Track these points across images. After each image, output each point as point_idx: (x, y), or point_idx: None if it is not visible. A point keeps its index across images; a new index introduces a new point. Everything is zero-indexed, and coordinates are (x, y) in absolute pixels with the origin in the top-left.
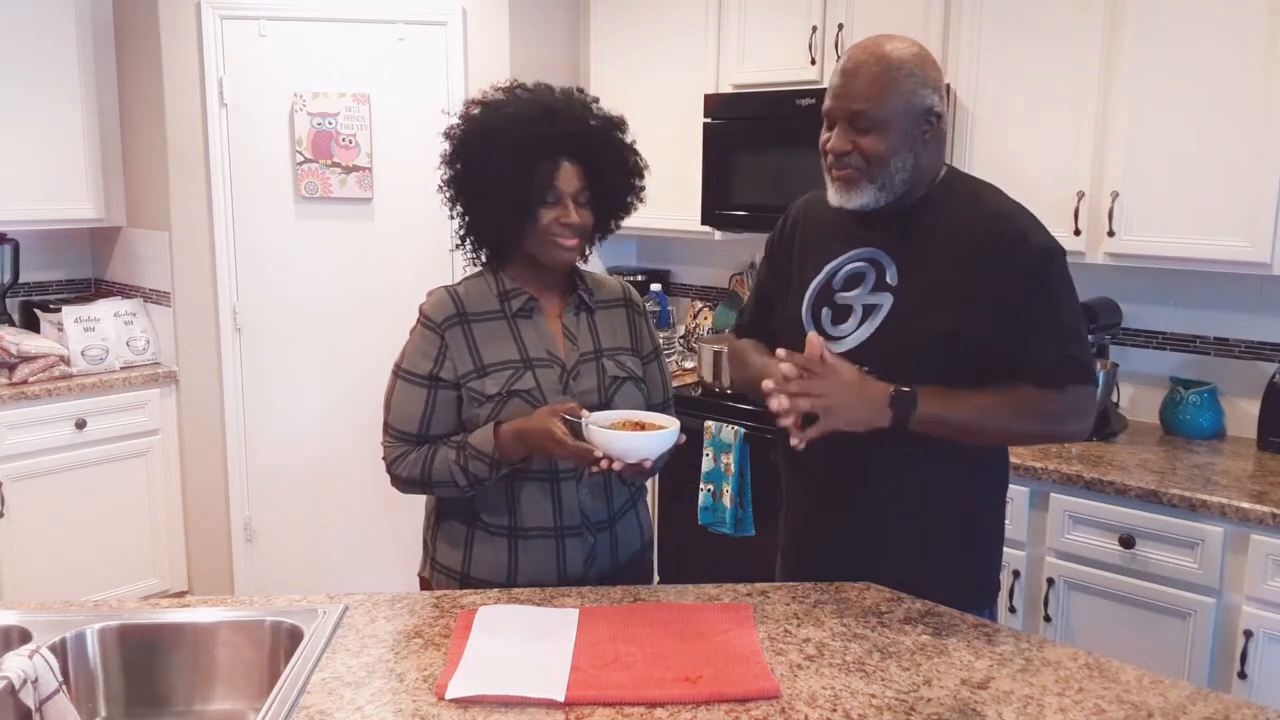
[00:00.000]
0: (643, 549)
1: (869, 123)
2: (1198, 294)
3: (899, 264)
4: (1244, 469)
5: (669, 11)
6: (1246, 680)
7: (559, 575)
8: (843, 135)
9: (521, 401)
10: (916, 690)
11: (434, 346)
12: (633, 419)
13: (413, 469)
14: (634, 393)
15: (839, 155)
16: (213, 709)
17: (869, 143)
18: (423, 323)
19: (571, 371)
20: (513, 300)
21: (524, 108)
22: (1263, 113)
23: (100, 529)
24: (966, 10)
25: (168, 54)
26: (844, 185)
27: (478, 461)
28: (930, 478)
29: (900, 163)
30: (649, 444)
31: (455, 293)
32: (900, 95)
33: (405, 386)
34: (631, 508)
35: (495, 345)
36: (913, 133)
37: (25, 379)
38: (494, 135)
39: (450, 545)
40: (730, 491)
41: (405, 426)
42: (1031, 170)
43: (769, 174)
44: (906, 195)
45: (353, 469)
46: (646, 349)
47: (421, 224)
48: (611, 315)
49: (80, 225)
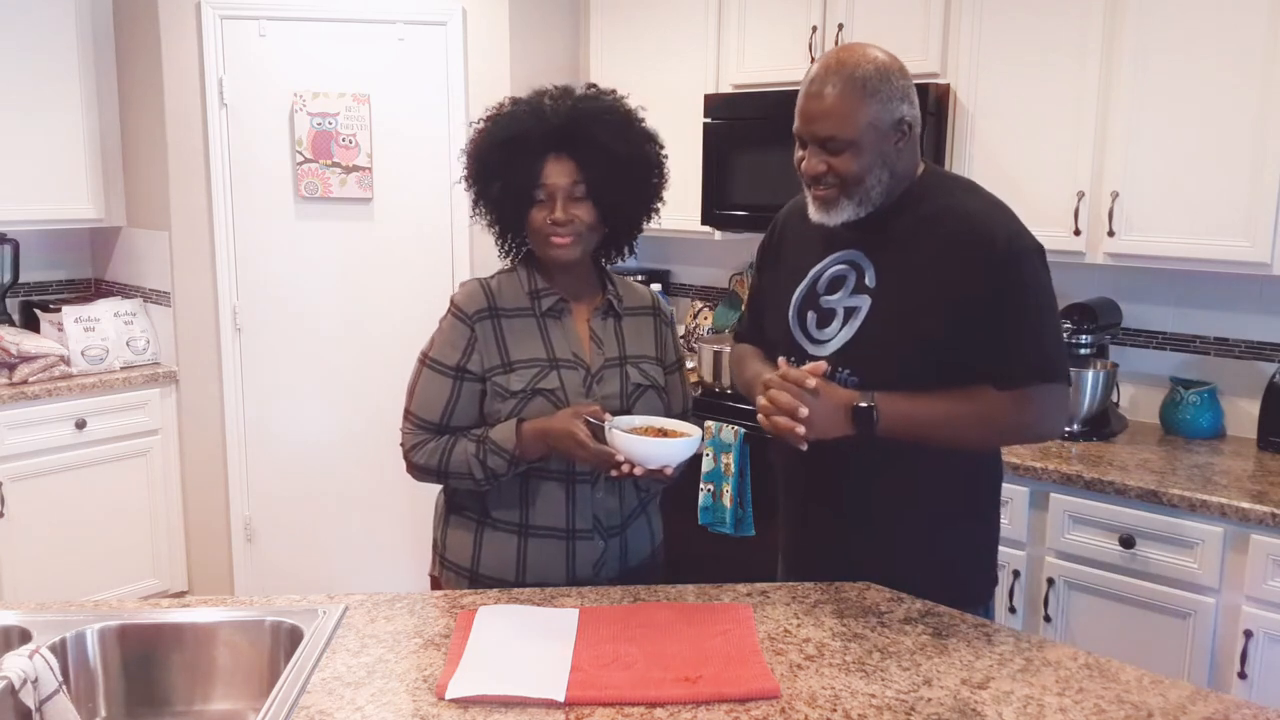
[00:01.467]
0: (652, 554)
1: (840, 145)
2: (1198, 294)
3: (876, 266)
4: (1244, 469)
5: (669, 11)
6: (1246, 680)
7: (568, 577)
8: (815, 157)
9: (544, 400)
10: (916, 690)
11: (463, 338)
12: (654, 425)
13: (430, 458)
14: (655, 401)
15: (814, 178)
16: (213, 709)
17: (842, 163)
18: (454, 313)
19: (595, 375)
20: (543, 299)
21: (519, 110)
22: (1262, 113)
23: (100, 529)
24: (966, 10)
25: (168, 54)
26: (822, 205)
27: (497, 457)
28: (925, 477)
29: (875, 178)
30: (672, 451)
31: (488, 286)
32: (867, 113)
33: (431, 375)
34: (642, 513)
35: (523, 342)
36: (884, 146)
37: (25, 379)
38: (489, 139)
39: (460, 542)
40: (730, 491)
41: (427, 415)
42: (1031, 170)
43: (769, 174)
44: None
45: (353, 469)
46: (670, 359)
47: (421, 224)
48: (638, 323)
49: (80, 225)
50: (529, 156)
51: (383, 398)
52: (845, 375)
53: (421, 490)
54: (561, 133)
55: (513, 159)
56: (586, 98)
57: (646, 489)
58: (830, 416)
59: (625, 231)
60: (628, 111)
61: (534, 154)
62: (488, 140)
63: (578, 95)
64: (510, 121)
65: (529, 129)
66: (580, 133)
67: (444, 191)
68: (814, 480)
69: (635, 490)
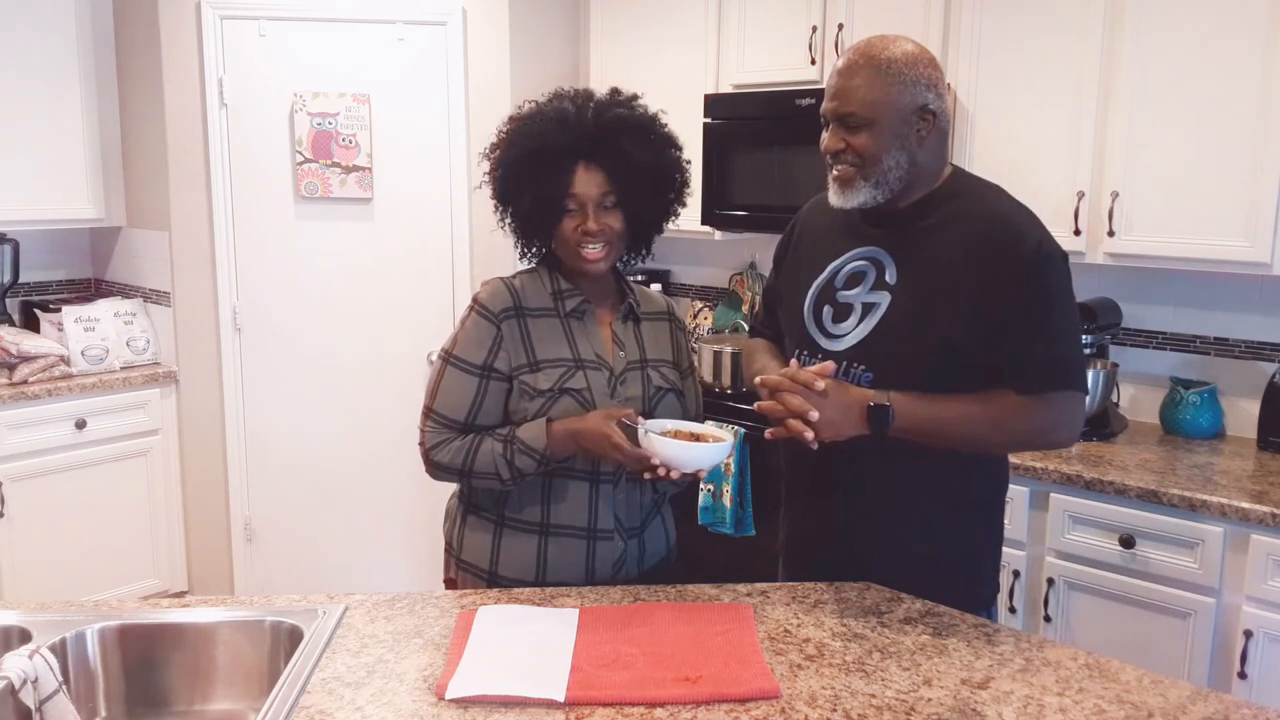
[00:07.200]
0: (668, 555)
1: (858, 121)
2: (1198, 294)
3: (898, 263)
4: (1244, 469)
5: (669, 11)
6: (1246, 680)
7: (587, 577)
8: (835, 135)
9: (571, 400)
10: (916, 690)
11: (489, 336)
12: (685, 429)
13: (455, 457)
14: (675, 404)
15: (832, 154)
16: (213, 709)
17: (859, 141)
18: (478, 311)
19: (619, 378)
20: (566, 300)
21: (545, 119)
22: (1263, 113)
23: (100, 529)
24: (966, 10)
25: (168, 54)
26: (840, 185)
27: (525, 456)
28: (930, 478)
29: (894, 160)
30: (708, 455)
31: (512, 285)
32: (888, 93)
33: (455, 374)
34: (657, 514)
35: (548, 342)
36: (904, 130)
37: (25, 379)
38: (514, 147)
39: (478, 543)
40: (730, 491)
41: (451, 414)
42: (1031, 170)
43: (769, 174)
44: (907, 194)
45: (353, 468)
46: (685, 364)
47: (421, 224)
48: (656, 327)
49: (80, 225)
50: (558, 167)
51: (383, 397)
52: (860, 372)
53: (421, 489)
54: (590, 143)
55: (541, 170)
56: (612, 104)
57: (661, 491)
58: (843, 416)
59: (646, 234)
60: (652, 118)
61: (563, 164)
62: (515, 151)
63: (601, 101)
64: (537, 132)
65: (557, 139)
66: (609, 142)
67: (444, 191)
68: (818, 476)
69: (651, 491)
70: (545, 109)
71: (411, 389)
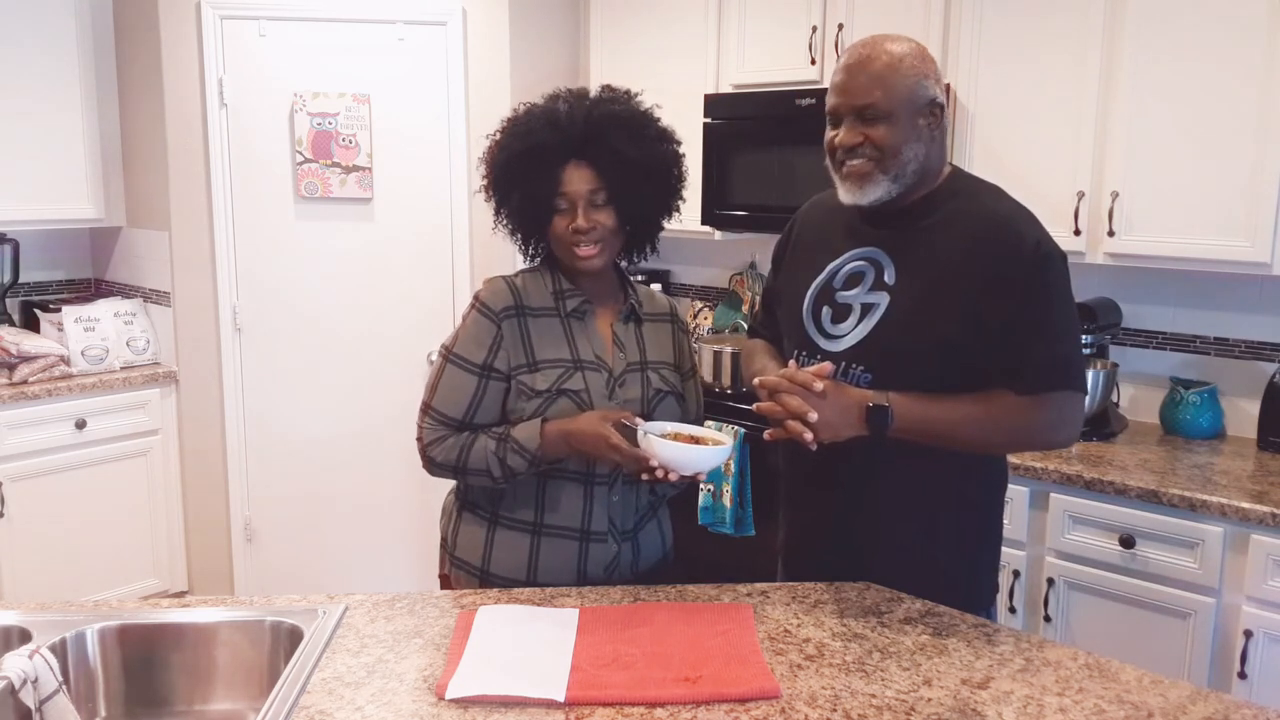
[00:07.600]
0: (664, 558)
1: (877, 113)
2: (1198, 294)
3: (897, 264)
4: (1244, 469)
5: (669, 11)
6: (1246, 680)
7: (578, 579)
8: (851, 129)
9: (569, 401)
10: (916, 690)
11: (490, 335)
12: (684, 431)
13: (449, 454)
14: (674, 407)
15: (850, 149)
16: (213, 709)
17: (879, 133)
18: (479, 310)
19: (618, 379)
20: (567, 300)
21: (535, 119)
22: (1262, 112)
23: (100, 529)
24: (966, 10)
25: (168, 54)
26: (856, 181)
27: (518, 456)
28: (929, 478)
29: (912, 152)
30: (708, 458)
31: (514, 284)
32: (905, 85)
33: (455, 372)
34: (653, 517)
35: (547, 342)
36: (919, 123)
37: (25, 379)
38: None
39: (471, 540)
40: (730, 491)
41: (450, 411)
42: (1031, 170)
43: (769, 174)
44: (910, 193)
45: (353, 468)
46: (686, 366)
47: (421, 224)
48: (658, 329)
49: (80, 225)
50: (547, 165)
51: (383, 397)
52: (859, 372)
53: (421, 489)
54: (579, 140)
55: (531, 169)
56: (602, 101)
57: (658, 493)
58: (842, 417)
59: (646, 232)
60: (644, 113)
61: (552, 162)
62: (505, 151)
63: (593, 99)
64: (527, 131)
65: (546, 138)
66: (598, 139)
67: (444, 191)
68: (817, 477)
69: (648, 493)
70: (537, 109)
71: (411, 389)
